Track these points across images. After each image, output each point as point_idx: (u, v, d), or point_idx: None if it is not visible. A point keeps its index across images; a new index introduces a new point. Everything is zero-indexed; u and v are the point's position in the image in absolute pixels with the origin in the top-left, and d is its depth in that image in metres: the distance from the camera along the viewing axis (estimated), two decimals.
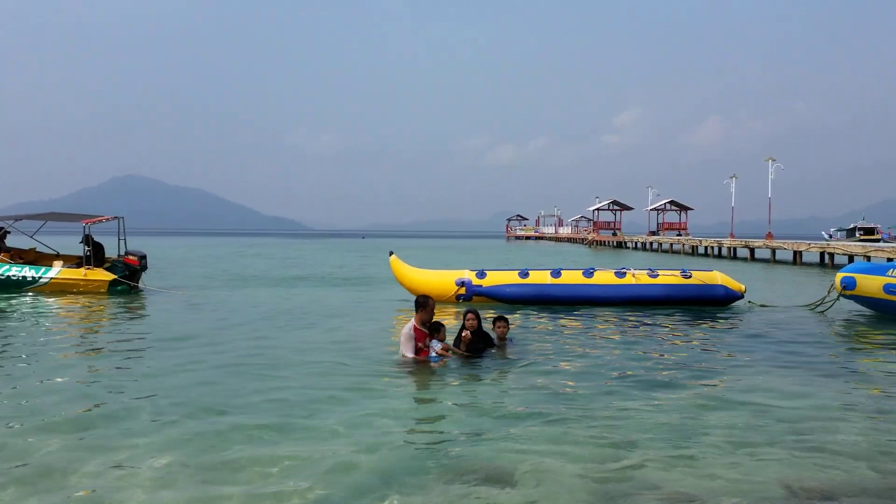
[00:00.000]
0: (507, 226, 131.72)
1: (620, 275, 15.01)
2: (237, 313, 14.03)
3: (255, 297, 17.55)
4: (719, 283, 14.87)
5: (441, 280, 15.33)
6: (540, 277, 15.08)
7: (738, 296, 14.86)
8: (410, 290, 15.58)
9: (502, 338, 9.25)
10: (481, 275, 15.22)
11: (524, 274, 15.15)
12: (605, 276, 15.02)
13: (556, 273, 15.13)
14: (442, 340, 8.47)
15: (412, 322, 8.42)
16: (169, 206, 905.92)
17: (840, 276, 14.28)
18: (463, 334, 8.53)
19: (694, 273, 15.02)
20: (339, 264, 33.97)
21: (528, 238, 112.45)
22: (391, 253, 16.04)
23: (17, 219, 18.05)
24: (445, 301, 15.08)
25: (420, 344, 8.31)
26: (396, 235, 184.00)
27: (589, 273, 15.09)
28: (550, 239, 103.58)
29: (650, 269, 15.24)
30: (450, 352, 8.47)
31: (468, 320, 8.76)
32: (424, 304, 8.38)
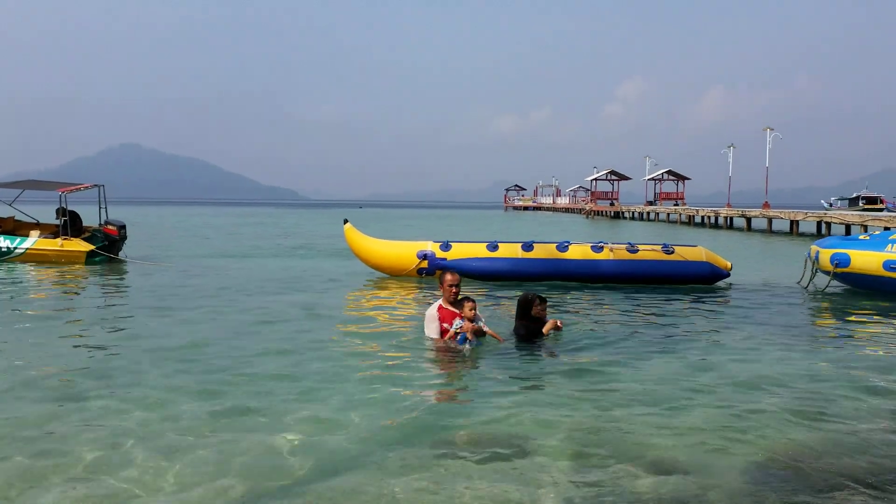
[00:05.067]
0: (506, 196, 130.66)
1: (597, 249, 13.85)
2: (220, 284, 13.44)
3: (242, 267, 16.96)
4: (704, 259, 13.68)
5: (401, 252, 14.17)
6: (510, 251, 13.93)
7: (725, 274, 13.70)
8: (367, 263, 14.51)
9: (471, 319, 8.07)
10: (445, 247, 14.06)
11: (493, 247, 14.00)
12: (580, 251, 13.86)
13: (527, 246, 13.96)
14: (470, 318, 7.22)
15: (438, 301, 7.50)
16: (165, 176, 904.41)
17: (826, 252, 13.10)
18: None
19: (677, 248, 13.84)
20: (332, 234, 32.95)
21: (525, 208, 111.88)
22: (345, 221, 14.81)
23: None
24: (406, 275, 13.99)
25: (445, 324, 7.33)
26: (394, 206, 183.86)
27: (563, 247, 13.92)
28: (548, 209, 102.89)
29: (629, 244, 14.06)
30: (477, 329, 7.24)
31: (537, 306, 7.71)
32: (441, 280, 7.44)
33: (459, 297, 7.46)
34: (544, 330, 7.71)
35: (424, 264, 13.90)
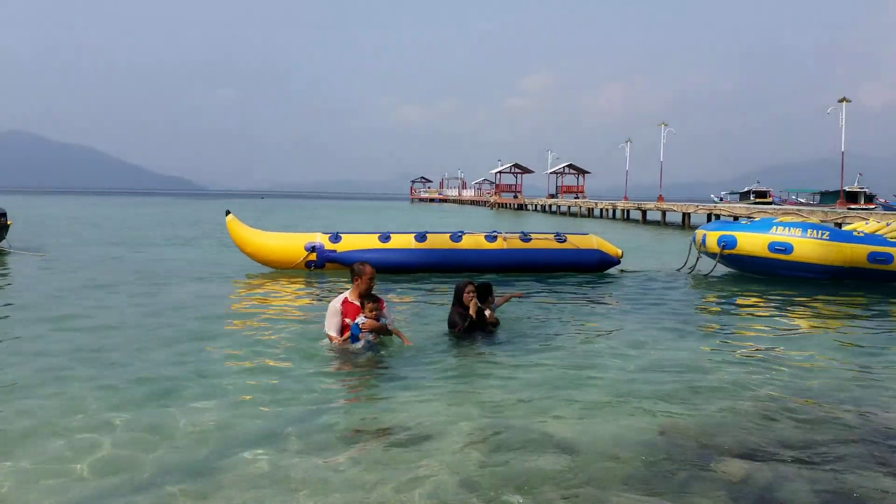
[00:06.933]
0: (412, 188, 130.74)
1: (491, 238, 13.74)
2: (106, 277, 12.72)
3: (130, 259, 16.29)
4: (595, 247, 13.83)
5: (287, 245, 13.51)
6: (403, 241, 13.55)
7: (615, 261, 13.89)
8: (252, 257, 13.74)
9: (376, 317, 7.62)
10: (335, 238, 13.50)
11: (385, 238, 13.57)
12: (474, 241, 13.72)
13: (420, 237, 13.63)
14: (375, 317, 6.76)
15: (344, 294, 7.03)
16: (54, 164, 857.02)
17: (713, 234, 13.60)
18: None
19: (569, 237, 13.96)
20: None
21: (431, 200, 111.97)
22: (227, 212, 14.00)
23: None
24: (293, 268, 13.35)
25: (348, 319, 6.88)
26: (297, 196, 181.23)
27: (457, 237, 13.69)
28: (454, 201, 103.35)
29: (523, 233, 14.02)
30: (380, 327, 6.83)
31: (468, 293, 7.42)
32: (360, 272, 6.94)
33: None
34: (470, 311, 7.42)
35: (313, 256, 13.31)
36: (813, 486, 4.03)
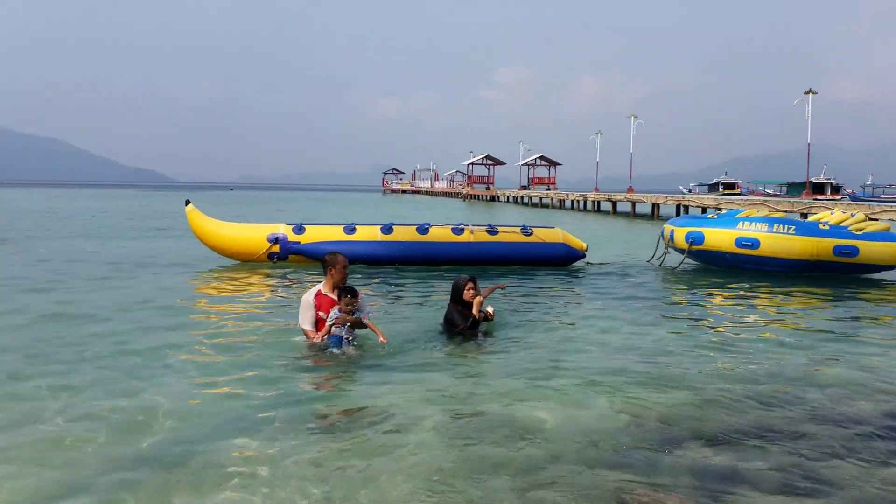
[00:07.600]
0: (384, 180, 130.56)
1: (458, 231, 13.59)
2: (65, 269, 12.41)
3: (93, 250, 15.97)
4: (560, 240, 13.75)
5: (249, 236, 13.22)
6: (369, 233, 13.33)
7: (580, 255, 13.83)
8: (213, 249, 13.42)
9: (351, 311, 7.36)
10: (299, 230, 13.25)
11: (350, 229, 13.34)
12: (441, 233, 13.54)
13: (386, 229, 13.42)
14: (349, 311, 6.42)
15: (317, 287, 6.72)
16: (20, 156, 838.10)
17: (681, 230, 13.63)
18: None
19: (535, 230, 13.83)
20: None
21: (403, 192, 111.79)
22: (187, 202, 13.65)
23: None
24: (255, 260, 13.08)
25: (322, 313, 6.57)
26: (269, 188, 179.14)
27: (424, 229, 13.51)
28: (426, 193, 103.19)
29: (489, 226, 13.85)
30: (356, 321, 6.47)
31: (468, 289, 7.24)
32: (332, 262, 6.63)
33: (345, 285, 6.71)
34: (473, 310, 7.25)
35: (276, 248, 13.03)
36: (775, 468, 4.12)
